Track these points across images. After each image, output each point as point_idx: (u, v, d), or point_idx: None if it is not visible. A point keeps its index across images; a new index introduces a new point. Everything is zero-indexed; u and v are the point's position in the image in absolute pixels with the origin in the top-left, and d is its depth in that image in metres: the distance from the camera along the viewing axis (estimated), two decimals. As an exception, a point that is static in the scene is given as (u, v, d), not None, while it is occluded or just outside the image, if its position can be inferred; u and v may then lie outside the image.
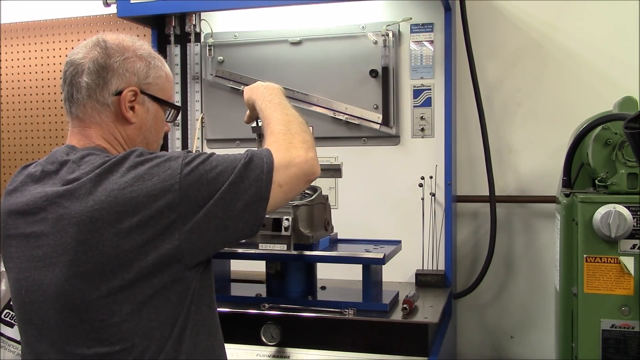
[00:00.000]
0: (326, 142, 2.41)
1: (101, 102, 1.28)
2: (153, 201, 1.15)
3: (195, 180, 1.18)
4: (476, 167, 2.53)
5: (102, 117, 1.29)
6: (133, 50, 1.32)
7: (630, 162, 1.74)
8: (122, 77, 1.29)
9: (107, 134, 1.30)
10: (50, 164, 1.26)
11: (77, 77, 1.28)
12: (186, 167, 1.19)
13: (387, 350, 1.73)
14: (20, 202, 1.24)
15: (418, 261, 2.27)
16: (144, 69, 1.32)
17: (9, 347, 2.09)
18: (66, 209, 1.16)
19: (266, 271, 1.94)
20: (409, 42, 2.36)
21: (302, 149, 1.30)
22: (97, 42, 1.30)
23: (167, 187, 1.16)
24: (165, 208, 1.15)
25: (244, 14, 2.47)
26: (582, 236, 1.72)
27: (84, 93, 1.27)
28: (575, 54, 2.45)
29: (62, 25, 3.01)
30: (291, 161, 1.26)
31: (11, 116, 3.11)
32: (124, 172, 1.17)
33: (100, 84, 1.27)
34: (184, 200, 1.16)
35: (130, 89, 1.29)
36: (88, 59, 1.28)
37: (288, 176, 1.25)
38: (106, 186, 1.16)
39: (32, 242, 1.21)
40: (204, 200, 1.18)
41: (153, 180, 1.16)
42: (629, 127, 1.43)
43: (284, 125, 1.36)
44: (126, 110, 1.30)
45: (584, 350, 1.72)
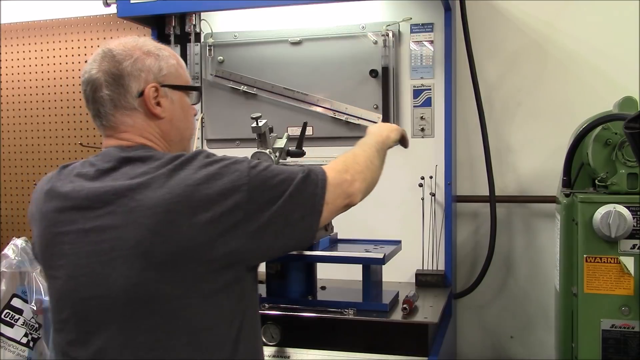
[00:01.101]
0: (326, 142, 2.41)
1: (128, 107, 1.31)
2: (224, 199, 1.20)
3: (260, 184, 1.24)
4: (476, 167, 2.53)
5: (135, 120, 1.32)
6: (139, 49, 1.34)
7: (630, 162, 1.74)
8: (139, 78, 1.31)
9: (144, 132, 1.34)
10: (106, 162, 1.28)
11: (98, 92, 1.31)
12: (252, 170, 1.25)
13: (387, 350, 1.73)
14: (76, 197, 1.25)
15: (418, 261, 2.27)
16: (156, 64, 1.34)
17: (9, 347, 2.09)
18: (139, 202, 1.19)
19: (266, 271, 1.94)
20: (409, 42, 2.36)
21: (354, 177, 1.41)
22: (104, 53, 1.33)
23: (236, 186, 1.21)
24: (235, 206, 1.20)
25: (244, 14, 2.47)
26: (582, 236, 1.72)
27: (109, 105, 1.31)
28: (575, 54, 2.45)
29: (62, 25, 3.01)
30: (340, 183, 1.37)
31: (11, 116, 3.11)
32: (196, 170, 1.22)
33: (121, 92, 1.30)
34: (251, 201, 1.22)
35: (151, 86, 1.32)
36: (101, 72, 1.31)
37: (334, 195, 1.34)
38: (180, 181, 1.20)
39: (94, 236, 1.21)
40: (267, 204, 1.24)
41: (223, 179, 1.21)
42: (629, 127, 1.43)
43: (352, 155, 1.49)
44: (153, 107, 1.33)
45: (584, 350, 1.72)
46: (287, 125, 2.35)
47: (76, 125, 3.01)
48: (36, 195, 1.34)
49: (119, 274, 1.18)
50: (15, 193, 3.11)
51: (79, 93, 2.97)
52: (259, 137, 1.89)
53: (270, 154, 1.88)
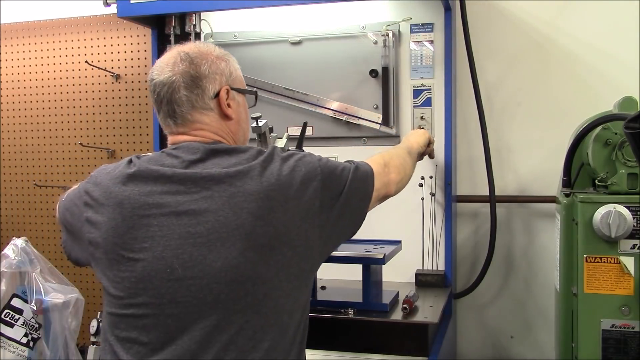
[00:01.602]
0: (326, 142, 2.42)
1: (205, 107, 1.41)
2: (305, 188, 1.33)
3: (330, 172, 1.40)
4: (476, 167, 2.53)
5: (210, 119, 1.42)
6: (211, 54, 1.45)
7: (630, 162, 1.74)
8: (215, 81, 1.42)
9: (218, 132, 1.43)
10: (192, 154, 1.35)
11: (175, 93, 1.39)
12: (321, 162, 1.40)
13: (387, 350, 1.73)
14: (167, 182, 1.31)
15: (418, 261, 2.27)
16: (227, 68, 1.46)
17: (9, 347, 2.09)
18: (239, 188, 1.28)
19: (266, 271, 1.94)
20: (409, 42, 2.36)
21: (391, 170, 1.63)
22: (180, 56, 1.41)
23: (312, 176, 1.35)
24: (313, 194, 1.34)
25: (244, 14, 2.47)
26: (582, 236, 1.72)
27: (187, 106, 1.40)
28: (575, 54, 2.45)
29: (62, 25, 3.00)
30: (381, 174, 1.57)
31: (11, 116, 3.11)
32: (281, 163, 1.35)
33: (199, 94, 1.40)
34: (325, 188, 1.36)
35: (225, 88, 1.43)
36: (179, 74, 1.39)
37: (379, 184, 1.55)
38: (272, 171, 1.32)
39: (188, 219, 1.27)
40: (337, 192, 1.40)
41: (302, 170, 1.35)
42: (629, 127, 1.43)
43: (387, 153, 1.70)
44: (226, 108, 1.43)
45: (584, 350, 1.72)
46: (287, 125, 2.35)
47: (76, 125, 3.01)
48: (103, 182, 1.36)
49: (218, 255, 1.24)
50: (15, 193, 3.11)
51: (79, 93, 2.99)
52: (259, 137, 1.89)
53: (271, 154, 1.88)
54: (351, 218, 1.46)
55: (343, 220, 1.42)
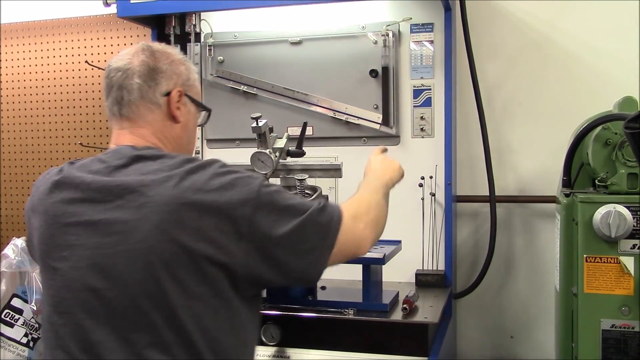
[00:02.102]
0: (326, 142, 2.42)
1: (153, 101, 1.36)
2: (230, 210, 1.21)
3: (267, 204, 1.24)
4: (476, 167, 2.53)
5: (154, 116, 1.37)
6: (175, 55, 1.42)
7: (630, 162, 1.74)
8: (170, 79, 1.38)
9: (158, 132, 1.38)
10: (117, 159, 1.30)
11: (128, 80, 1.35)
12: (263, 189, 1.25)
13: (387, 350, 1.73)
14: (86, 190, 1.26)
15: (418, 261, 2.27)
16: (186, 72, 1.42)
17: (9, 347, 2.09)
18: (150, 198, 1.21)
19: (266, 271, 1.94)
20: (409, 42, 2.36)
21: (366, 226, 1.38)
22: (142, 48, 1.39)
23: (243, 200, 1.22)
24: (239, 219, 1.21)
25: (244, 14, 2.47)
26: (582, 236, 1.72)
27: (136, 94, 1.35)
28: (575, 54, 2.45)
29: (62, 25, 3.01)
30: (353, 229, 1.34)
31: (11, 116, 3.11)
32: (210, 177, 1.23)
33: (152, 85, 1.36)
34: (254, 219, 1.22)
35: (178, 90, 1.38)
36: (137, 63, 1.36)
37: (345, 239, 1.32)
38: (193, 184, 1.22)
39: (101, 229, 1.22)
40: (271, 227, 1.23)
41: (233, 191, 1.22)
42: (629, 127, 1.43)
43: (363, 202, 1.45)
44: (174, 109, 1.38)
45: (584, 350, 1.72)
46: (287, 125, 2.35)
47: (76, 125, 3.01)
48: (39, 188, 1.35)
49: (124, 269, 1.19)
50: (15, 193, 3.11)
51: (79, 93, 2.99)
52: (259, 137, 1.89)
53: (270, 154, 1.88)
54: (295, 266, 1.27)
55: (276, 262, 1.25)
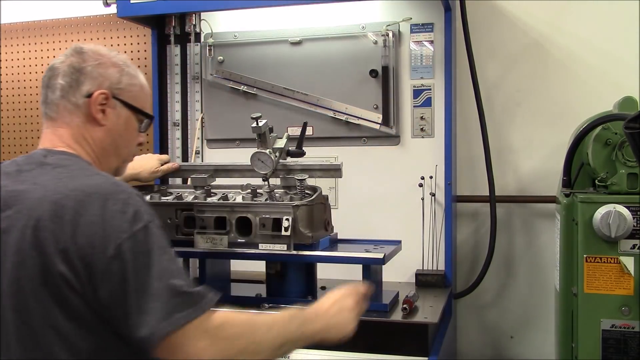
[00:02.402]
0: (326, 142, 2.42)
1: (73, 102, 1.33)
2: (88, 247, 1.13)
3: (132, 251, 1.14)
4: (476, 167, 2.53)
5: (73, 117, 1.34)
6: (108, 57, 1.38)
7: (630, 162, 1.74)
8: (95, 80, 1.34)
9: (77, 135, 1.34)
10: (27, 164, 1.28)
11: (53, 79, 1.34)
12: (138, 234, 1.15)
13: (387, 350, 1.73)
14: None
15: (418, 261, 2.27)
16: (117, 75, 1.37)
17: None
18: (20, 208, 1.18)
19: (266, 271, 1.94)
20: (409, 42, 2.35)
21: (228, 346, 1.19)
22: (75, 48, 1.37)
23: (108, 241, 1.13)
24: (91, 260, 1.13)
25: (244, 14, 2.47)
26: (582, 236, 1.72)
27: (58, 94, 1.34)
28: (575, 54, 2.45)
29: (62, 25, 3.00)
30: (211, 333, 1.17)
31: (11, 116, 3.11)
32: (103, 201, 1.16)
33: (73, 86, 1.33)
34: (113, 265, 1.13)
35: (101, 92, 1.34)
36: (66, 63, 1.35)
37: (194, 334, 1.15)
38: (55, 190, 1.17)
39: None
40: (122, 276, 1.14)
41: (99, 227, 1.14)
42: (629, 127, 1.43)
43: (258, 329, 1.25)
44: (96, 112, 1.34)
45: (584, 350, 1.72)
46: (287, 125, 2.35)
47: (76, 125, 3.01)
48: None
49: (3, 278, 1.17)
50: (15, 193, 3.11)
51: (79, 93, 2.99)
52: (259, 137, 1.89)
53: (270, 154, 1.88)
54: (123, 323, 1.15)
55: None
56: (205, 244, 1.83)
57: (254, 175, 1.93)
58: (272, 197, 1.87)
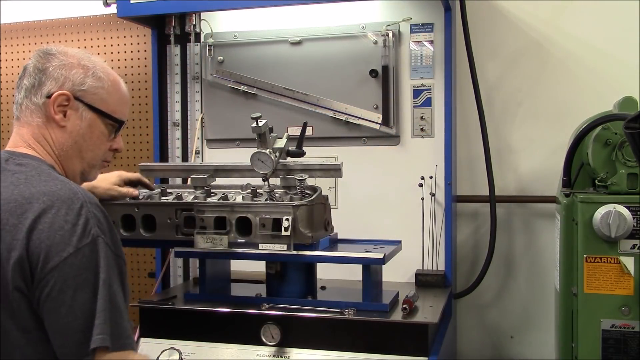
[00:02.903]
0: (326, 142, 2.41)
1: (34, 102, 1.35)
2: (35, 256, 1.16)
3: (75, 266, 1.16)
4: (476, 167, 2.53)
5: (34, 117, 1.35)
6: (76, 59, 1.38)
7: (630, 162, 1.74)
8: (56, 81, 1.34)
9: (37, 134, 1.35)
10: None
11: (21, 80, 1.37)
12: (84, 249, 1.16)
13: (387, 350, 1.73)
14: None
15: (418, 261, 2.27)
16: (80, 76, 1.37)
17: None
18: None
19: (266, 271, 1.94)
20: (409, 42, 2.35)
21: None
22: (46, 50, 1.39)
23: (53, 254, 1.15)
24: (35, 269, 1.16)
25: (244, 14, 2.47)
26: (582, 236, 1.72)
27: (23, 94, 1.36)
28: (575, 54, 2.45)
29: (62, 25, 3.00)
30: None
31: (11, 116, 3.10)
32: (65, 209, 1.19)
33: (35, 85, 1.35)
34: (51, 276, 1.15)
35: (61, 93, 1.34)
36: (33, 65, 1.37)
37: None
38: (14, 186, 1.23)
39: None
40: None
41: (47, 237, 1.16)
42: (629, 127, 1.43)
43: None
44: (55, 112, 1.34)
45: (584, 350, 1.72)
46: (287, 125, 2.35)
47: (76, 125, 3.01)
48: None
49: None
50: (15, 193, 3.11)
51: (79, 93, 2.99)
52: (259, 137, 1.89)
53: (270, 154, 1.88)
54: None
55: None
56: (205, 244, 1.83)
57: (254, 175, 1.93)
58: (272, 197, 1.87)
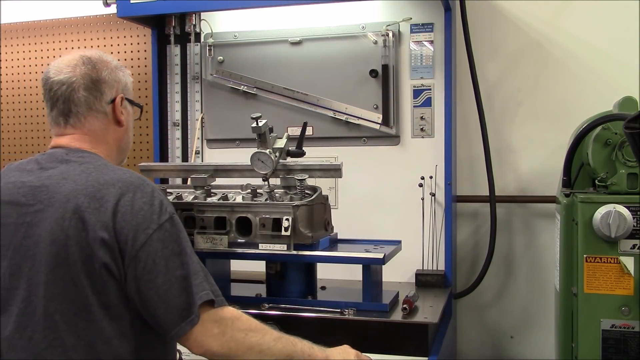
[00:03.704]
0: (326, 142, 2.42)
1: (100, 111, 1.45)
2: (122, 235, 1.27)
3: (162, 240, 1.28)
4: (476, 167, 2.53)
5: (100, 123, 1.46)
6: (111, 63, 1.50)
7: (630, 162, 1.74)
8: (112, 87, 1.47)
9: (100, 138, 1.46)
10: (49, 162, 1.38)
11: (75, 93, 1.42)
12: (165, 224, 1.29)
13: (387, 350, 1.73)
14: (14, 193, 1.33)
15: (418, 261, 2.27)
16: (123, 79, 1.52)
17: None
18: (54, 196, 1.29)
19: (266, 271, 1.94)
20: (409, 42, 2.36)
21: (234, 342, 1.31)
22: (82, 60, 1.45)
23: (139, 231, 1.27)
24: (124, 248, 1.28)
25: (244, 14, 2.47)
26: (582, 236, 1.72)
27: (84, 107, 1.43)
28: (575, 54, 2.45)
29: (62, 25, 3.00)
30: (221, 326, 1.30)
31: (11, 116, 3.11)
32: (135, 191, 1.30)
33: (98, 96, 1.44)
34: (142, 252, 1.26)
35: (120, 96, 1.49)
36: (79, 75, 1.42)
37: (204, 328, 1.28)
38: (89, 180, 1.30)
39: (24, 231, 1.29)
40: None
41: (130, 217, 1.27)
42: (629, 127, 1.43)
43: (269, 341, 1.35)
44: (120, 114, 1.48)
45: (584, 350, 1.72)
46: (287, 125, 2.35)
47: (76, 125, 3.01)
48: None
49: (35, 269, 1.26)
50: (15, 193, 3.11)
51: (79, 93, 2.99)
52: (259, 137, 1.89)
53: (270, 154, 1.88)
54: None
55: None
56: (205, 244, 1.83)
57: (254, 175, 1.93)
58: (272, 197, 1.87)
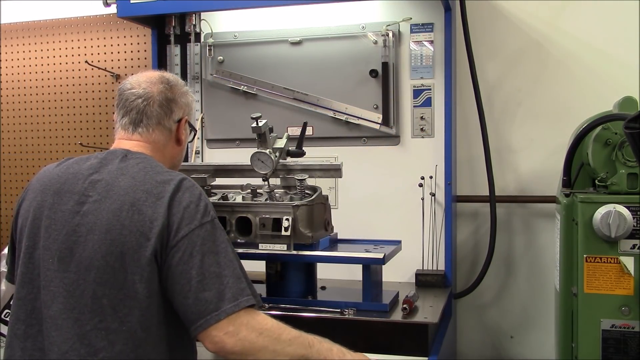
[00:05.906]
0: (326, 142, 2.42)
1: (166, 127, 1.57)
2: (169, 227, 1.37)
3: (201, 237, 1.37)
4: (476, 167, 2.53)
5: (163, 138, 1.57)
6: (183, 87, 1.63)
7: (630, 162, 1.74)
8: (180, 109, 1.60)
9: (158, 150, 1.56)
10: (109, 159, 1.47)
11: (149, 107, 1.55)
12: (206, 225, 1.38)
13: (387, 350, 1.73)
14: (73, 183, 1.44)
15: (418, 261, 2.27)
16: (191, 102, 1.65)
17: (9, 347, 2.08)
18: (113, 190, 1.40)
19: (266, 271, 1.94)
20: (409, 42, 2.36)
21: (260, 344, 1.35)
22: (161, 79, 1.58)
23: (182, 226, 1.37)
24: (167, 239, 1.38)
25: (244, 14, 2.47)
26: (582, 236, 1.72)
27: (155, 120, 1.55)
28: (575, 54, 2.45)
29: (62, 25, 3.01)
30: (249, 325, 1.35)
31: (11, 116, 3.11)
32: (185, 190, 1.41)
33: (167, 114, 1.57)
34: (182, 243, 1.36)
35: (185, 118, 1.61)
36: (156, 92, 1.56)
37: (234, 322, 1.34)
38: (144, 178, 1.41)
39: (79, 218, 1.38)
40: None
41: (179, 212, 1.38)
42: (629, 127, 1.43)
43: (295, 339, 1.39)
44: (182, 133, 1.60)
45: (584, 350, 1.72)
46: (287, 125, 2.35)
47: (76, 125, 3.01)
48: (41, 176, 1.55)
49: (84, 255, 1.35)
50: (15, 193, 3.11)
51: (79, 93, 2.99)
52: (259, 137, 1.89)
53: (270, 154, 1.88)
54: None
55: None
56: (205, 244, 1.83)
57: (254, 175, 1.93)
58: (272, 197, 1.87)
